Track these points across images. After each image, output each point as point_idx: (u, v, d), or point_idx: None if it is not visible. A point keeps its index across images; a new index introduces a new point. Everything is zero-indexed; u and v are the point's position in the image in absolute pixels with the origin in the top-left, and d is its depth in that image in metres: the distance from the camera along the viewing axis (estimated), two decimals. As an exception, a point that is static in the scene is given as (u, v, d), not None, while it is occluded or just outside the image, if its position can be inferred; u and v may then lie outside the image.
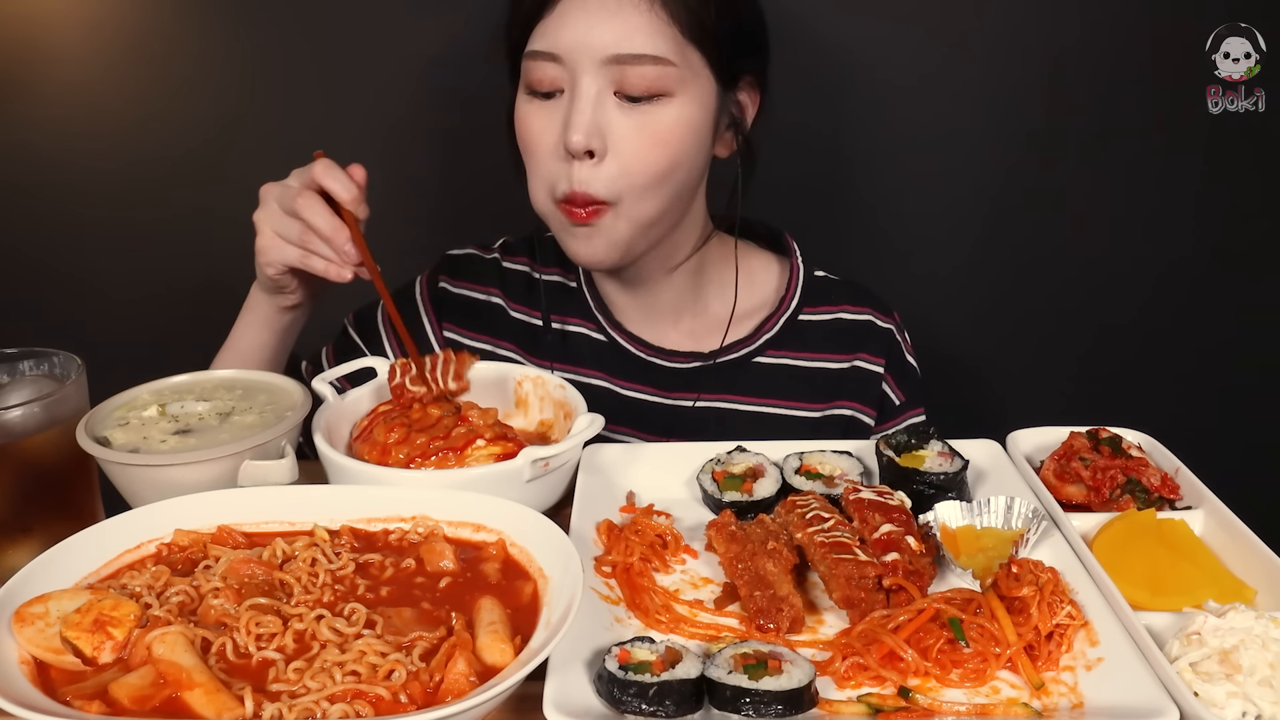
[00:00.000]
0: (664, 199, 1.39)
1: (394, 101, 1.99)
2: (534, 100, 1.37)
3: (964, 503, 1.12)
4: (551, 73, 1.34)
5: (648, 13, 1.30)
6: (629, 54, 1.30)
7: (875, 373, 1.58)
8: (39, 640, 0.86)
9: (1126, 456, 1.18)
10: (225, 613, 0.90)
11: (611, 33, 1.29)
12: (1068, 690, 0.90)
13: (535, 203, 1.43)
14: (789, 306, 1.58)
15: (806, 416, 1.57)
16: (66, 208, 2.04)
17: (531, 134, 1.38)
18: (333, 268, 1.28)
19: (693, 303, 1.59)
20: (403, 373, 1.25)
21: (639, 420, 1.56)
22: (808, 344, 1.58)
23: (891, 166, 2.06)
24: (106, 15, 1.93)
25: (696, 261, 1.55)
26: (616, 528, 1.12)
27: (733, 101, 1.43)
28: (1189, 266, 2.09)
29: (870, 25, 1.94)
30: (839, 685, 0.91)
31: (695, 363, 1.57)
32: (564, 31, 1.31)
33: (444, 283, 1.64)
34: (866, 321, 1.60)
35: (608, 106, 1.32)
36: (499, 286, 1.63)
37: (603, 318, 1.59)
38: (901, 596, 0.99)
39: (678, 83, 1.33)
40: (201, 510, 1.03)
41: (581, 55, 1.31)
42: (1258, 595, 0.99)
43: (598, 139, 1.32)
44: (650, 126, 1.33)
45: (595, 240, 1.39)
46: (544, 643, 0.84)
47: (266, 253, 1.31)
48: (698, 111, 1.36)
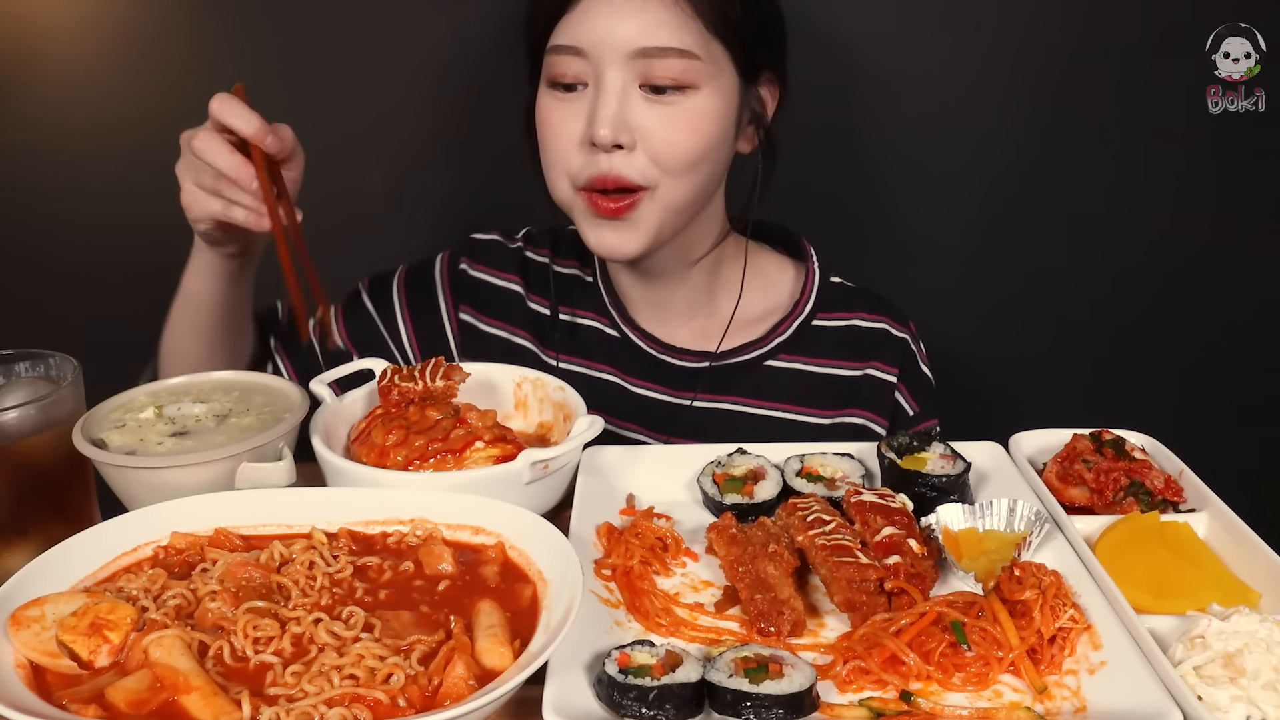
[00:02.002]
0: (695, 185, 1.39)
1: (396, 98, 1.98)
2: (556, 94, 1.37)
3: (966, 505, 1.12)
4: (575, 67, 1.34)
5: (672, 6, 1.30)
6: (655, 47, 1.30)
7: (888, 382, 1.57)
8: (35, 644, 0.85)
9: (1130, 459, 1.17)
10: (223, 616, 0.90)
11: (637, 26, 1.30)
12: (1070, 694, 0.90)
13: (556, 194, 1.43)
14: (803, 311, 1.57)
15: (816, 423, 1.56)
16: (63, 208, 2.03)
17: (554, 127, 1.37)
18: (253, 216, 1.22)
19: (706, 302, 1.58)
20: (393, 373, 1.24)
21: (647, 418, 1.56)
22: (820, 350, 1.57)
23: (893, 169, 2.05)
24: (104, 15, 1.92)
25: (712, 260, 1.55)
26: (616, 530, 1.12)
27: (754, 96, 1.43)
28: (1190, 268, 2.09)
29: (873, 25, 1.94)
30: (840, 689, 0.91)
31: (704, 361, 1.56)
32: (589, 26, 1.32)
33: (464, 265, 1.63)
34: (881, 330, 1.59)
35: (634, 100, 1.32)
36: (520, 275, 1.62)
37: (616, 313, 1.58)
38: (903, 600, 0.99)
39: (703, 75, 1.33)
40: (198, 513, 1.03)
41: (607, 49, 1.31)
42: (1262, 598, 0.99)
43: (625, 132, 1.32)
44: (678, 117, 1.33)
45: (626, 232, 1.38)
46: (543, 646, 0.84)
47: (191, 208, 1.26)
48: (723, 103, 1.36)
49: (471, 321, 1.61)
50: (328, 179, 1.97)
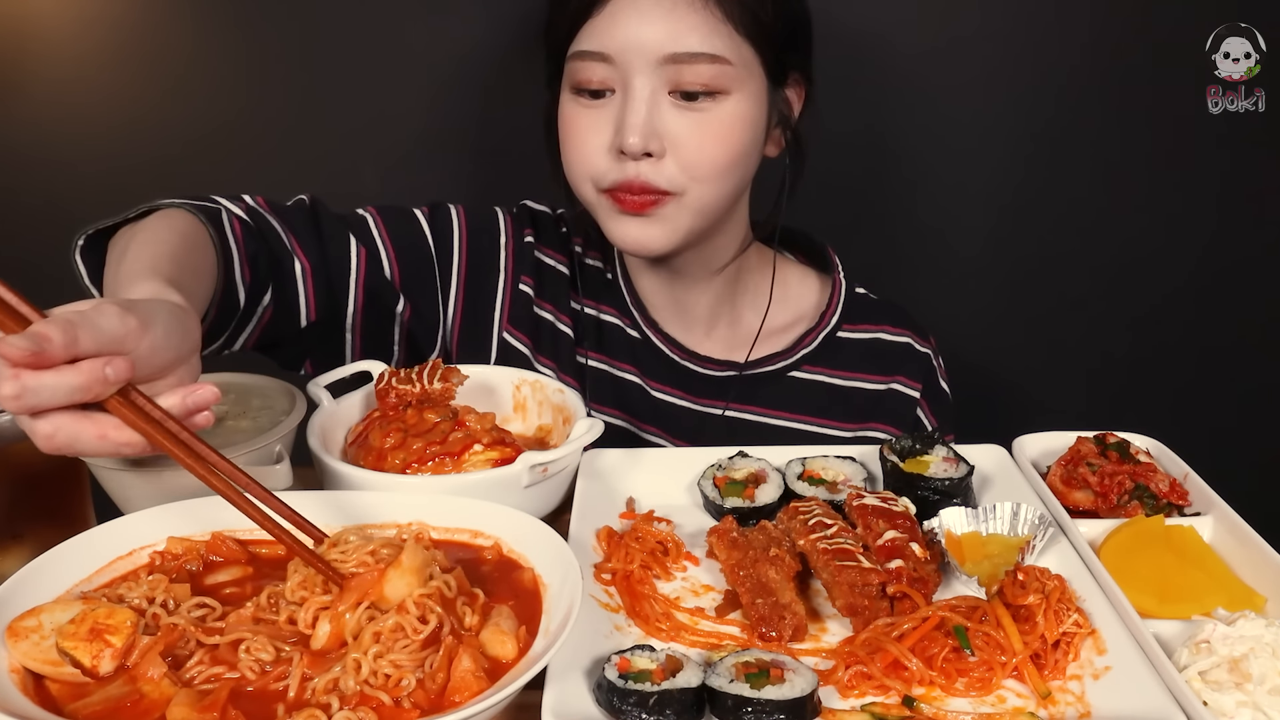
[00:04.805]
0: (725, 191, 1.37)
1: (394, 98, 1.98)
2: (581, 100, 1.35)
3: (969, 509, 1.11)
4: (601, 73, 1.31)
5: (702, 10, 1.28)
6: (685, 53, 1.27)
7: (911, 397, 1.56)
8: (35, 654, 0.84)
9: (1134, 462, 1.17)
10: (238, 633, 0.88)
11: (666, 31, 1.27)
12: (1074, 699, 0.89)
13: (579, 194, 1.40)
14: (829, 322, 1.55)
15: (838, 435, 1.54)
16: (58, 209, 2.01)
17: (579, 134, 1.35)
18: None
19: (729, 311, 1.57)
20: (390, 375, 1.23)
21: (667, 423, 1.54)
22: (845, 362, 1.55)
23: (894, 170, 2.05)
24: (98, 14, 1.91)
25: (735, 269, 1.53)
26: (616, 534, 1.11)
27: (781, 98, 1.41)
28: (1192, 269, 2.09)
29: (875, 26, 1.94)
30: (842, 694, 0.90)
31: (729, 370, 1.54)
32: (615, 31, 1.29)
33: (529, 237, 1.56)
34: (906, 345, 1.58)
35: (663, 107, 1.30)
36: (568, 258, 1.58)
37: (638, 313, 1.55)
38: (906, 604, 0.98)
39: (734, 80, 1.30)
40: (195, 516, 1.02)
41: (635, 55, 1.28)
42: (1268, 603, 0.98)
43: (655, 141, 1.30)
44: (709, 125, 1.31)
45: (651, 228, 1.36)
46: (543, 650, 0.83)
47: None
48: (753, 107, 1.34)
49: (529, 294, 1.54)
50: (321, 177, 1.98)
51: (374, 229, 1.46)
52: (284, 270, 1.35)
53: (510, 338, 1.52)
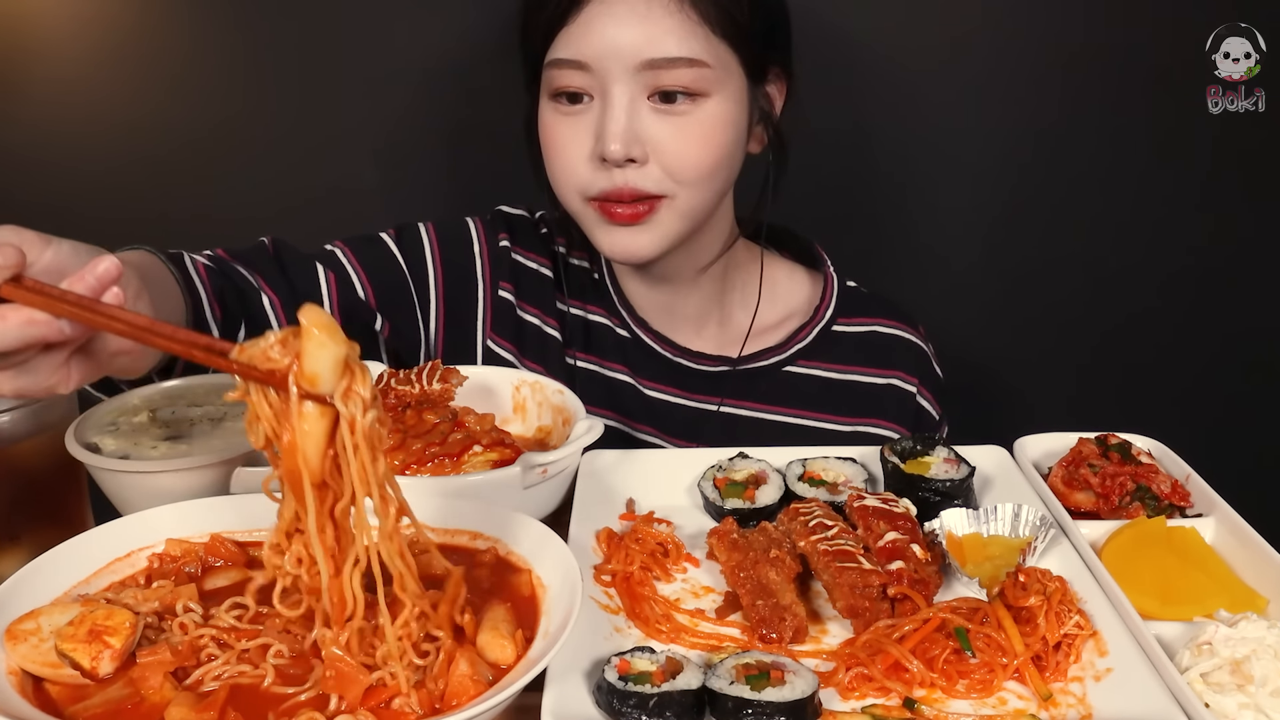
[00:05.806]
0: (712, 192, 1.37)
1: (391, 96, 1.98)
2: (560, 107, 1.34)
3: (970, 510, 1.11)
4: (579, 80, 1.30)
5: (678, 14, 1.27)
6: (662, 58, 1.27)
7: (910, 391, 1.56)
8: (35, 657, 0.84)
9: (1136, 463, 1.16)
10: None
11: (643, 36, 1.26)
12: (1076, 701, 0.89)
13: (565, 204, 1.40)
14: (824, 316, 1.55)
15: (836, 430, 1.54)
16: (55, 210, 2.00)
17: (560, 142, 1.34)
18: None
19: (718, 310, 1.56)
20: (389, 376, 1.23)
21: (661, 421, 1.54)
22: (840, 355, 1.55)
23: (895, 171, 2.04)
24: (96, 14, 1.91)
25: (722, 267, 1.53)
26: (616, 536, 1.11)
27: (761, 94, 1.40)
28: (1192, 269, 2.08)
29: (875, 23, 1.93)
30: (843, 696, 0.90)
31: (722, 366, 1.54)
32: (591, 38, 1.28)
33: (504, 241, 1.55)
34: (900, 338, 1.58)
35: (642, 112, 1.30)
36: (550, 260, 1.57)
37: (625, 313, 1.55)
38: (907, 606, 0.98)
39: (713, 82, 1.30)
40: (193, 518, 1.01)
41: (612, 62, 1.27)
42: (1270, 605, 0.98)
43: (637, 146, 1.29)
44: (690, 128, 1.30)
45: (640, 236, 1.35)
46: (542, 652, 0.82)
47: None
48: (734, 108, 1.34)
49: (510, 300, 1.54)
50: (319, 176, 1.98)
51: (343, 258, 1.48)
52: (252, 304, 1.37)
53: (494, 345, 1.52)
